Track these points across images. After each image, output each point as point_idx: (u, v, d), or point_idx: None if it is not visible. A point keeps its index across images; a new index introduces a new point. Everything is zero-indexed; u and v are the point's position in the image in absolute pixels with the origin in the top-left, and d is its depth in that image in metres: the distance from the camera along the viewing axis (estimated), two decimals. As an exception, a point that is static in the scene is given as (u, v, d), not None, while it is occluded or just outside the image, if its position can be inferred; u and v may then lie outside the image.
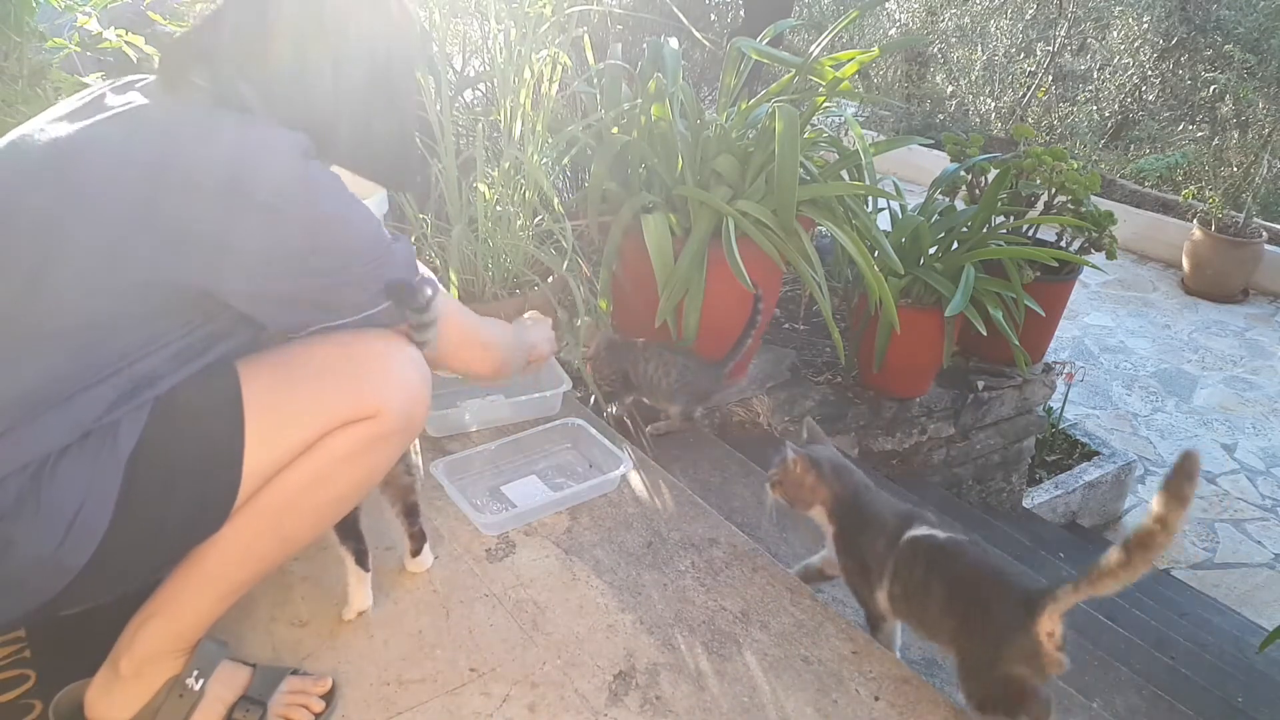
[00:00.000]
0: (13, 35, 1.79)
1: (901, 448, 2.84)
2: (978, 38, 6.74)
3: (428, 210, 2.22)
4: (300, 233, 1.01)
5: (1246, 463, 3.79)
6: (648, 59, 2.31)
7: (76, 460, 0.97)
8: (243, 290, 1.03)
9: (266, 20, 1.07)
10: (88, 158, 0.98)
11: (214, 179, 0.97)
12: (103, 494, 0.98)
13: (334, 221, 1.04)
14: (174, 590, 1.09)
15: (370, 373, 1.10)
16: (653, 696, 1.29)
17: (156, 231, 0.97)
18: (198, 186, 0.97)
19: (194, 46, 1.08)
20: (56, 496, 0.96)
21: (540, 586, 1.48)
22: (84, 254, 0.96)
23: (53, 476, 0.96)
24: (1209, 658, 2.29)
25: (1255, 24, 5.67)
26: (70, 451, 0.97)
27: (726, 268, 2.01)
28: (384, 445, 1.14)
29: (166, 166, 0.97)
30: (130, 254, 0.97)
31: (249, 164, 0.99)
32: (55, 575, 0.98)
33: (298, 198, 1.01)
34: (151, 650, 1.10)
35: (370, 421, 1.10)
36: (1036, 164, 2.78)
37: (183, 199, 0.97)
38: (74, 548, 0.97)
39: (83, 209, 0.96)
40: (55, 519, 0.96)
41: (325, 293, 1.07)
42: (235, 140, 1.00)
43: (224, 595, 1.12)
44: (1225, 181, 5.45)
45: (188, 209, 0.97)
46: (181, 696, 1.11)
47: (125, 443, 0.99)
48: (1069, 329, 4.67)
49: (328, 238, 1.04)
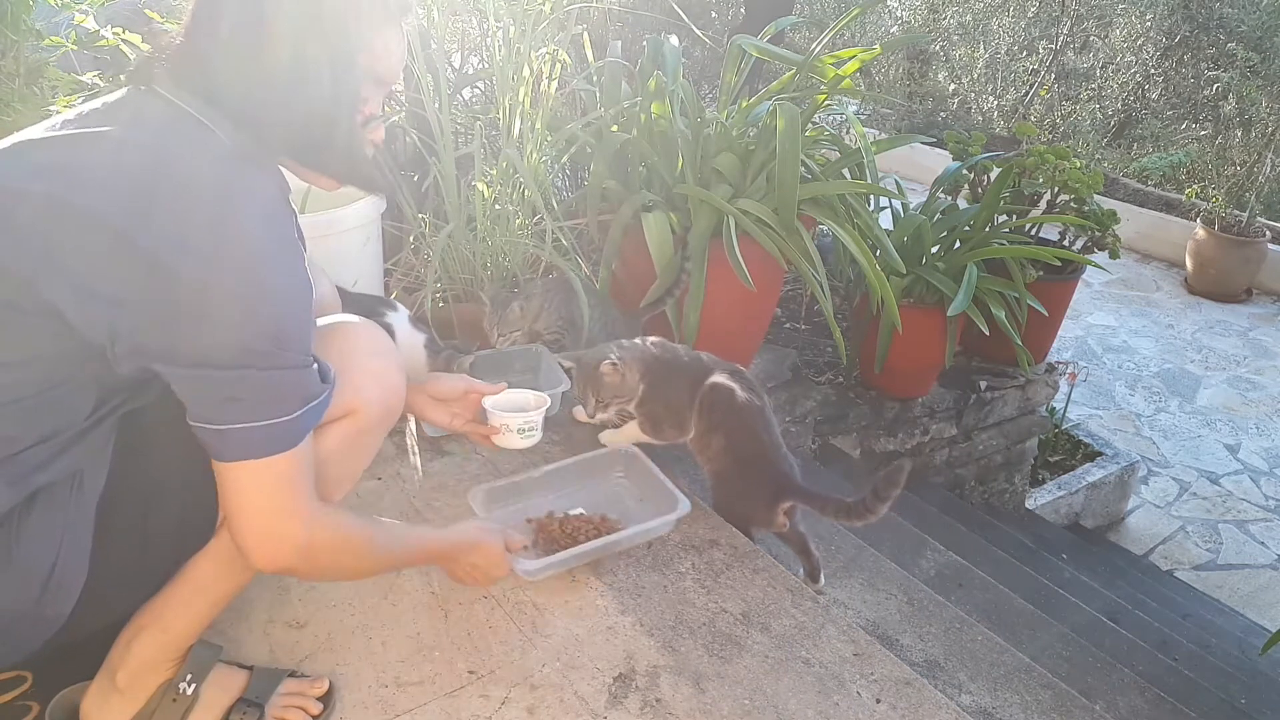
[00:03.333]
0: (9, 34, 1.79)
1: (904, 448, 2.82)
2: (980, 35, 6.72)
3: (426, 209, 2.21)
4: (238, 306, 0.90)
5: (1250, 463, 3.77)
6: (648, 56, 2.30)
7: (44, 513, 0.95)
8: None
9: (222, 25, 0.96)
10: (80, 177, 0.90)
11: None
12: (76, 544, 0.96)
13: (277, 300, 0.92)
14: (164, 601, 1.08)
15: (342, 371, 1.06)
16: (653, 699, 1.28)
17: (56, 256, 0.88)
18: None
19: (162, 57, 1.00)
20: (28, 553, 0.94)
21: (539, 588, 1.47)
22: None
23: (19, 534, 0.93)
24: (1212, 659, 2.28)
25: (1258, 22, 5.65)
26: (36, 505, 0.95)
27: (727, 266, 2.00)
28: (364, 439, 1.13)
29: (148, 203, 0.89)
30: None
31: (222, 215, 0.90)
32: (41, 626, 0.97)
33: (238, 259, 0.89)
34: (144, 661, 1.09)
35: (348, 420, 1.09)
36: (1039, 162, 2.77)
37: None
38: (54, 600, 0.96)
39: (54, 264, 0.88)
40: (30, 575, 0.94)
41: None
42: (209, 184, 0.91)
43: (214, 603, 1.10)
44: (1229, 180, 5.43)
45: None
46: (175, 701, 1.10)
47: (91, 488, 0.97)
48: (1072, 329, 4.65)
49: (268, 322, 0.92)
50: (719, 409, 1.64)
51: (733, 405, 1.63)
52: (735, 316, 2.25)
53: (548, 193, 2.16)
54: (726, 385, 1.64)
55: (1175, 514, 3.53)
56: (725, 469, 1.66)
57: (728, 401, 1.63)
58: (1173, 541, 3.41)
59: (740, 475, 1.65)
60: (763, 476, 1.62)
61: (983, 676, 1.57)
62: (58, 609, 0.96)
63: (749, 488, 1.64)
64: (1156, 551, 3.37)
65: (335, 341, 1.10)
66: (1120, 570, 3.06)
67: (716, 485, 1.70)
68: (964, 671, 1.57)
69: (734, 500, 1.67)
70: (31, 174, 0.90)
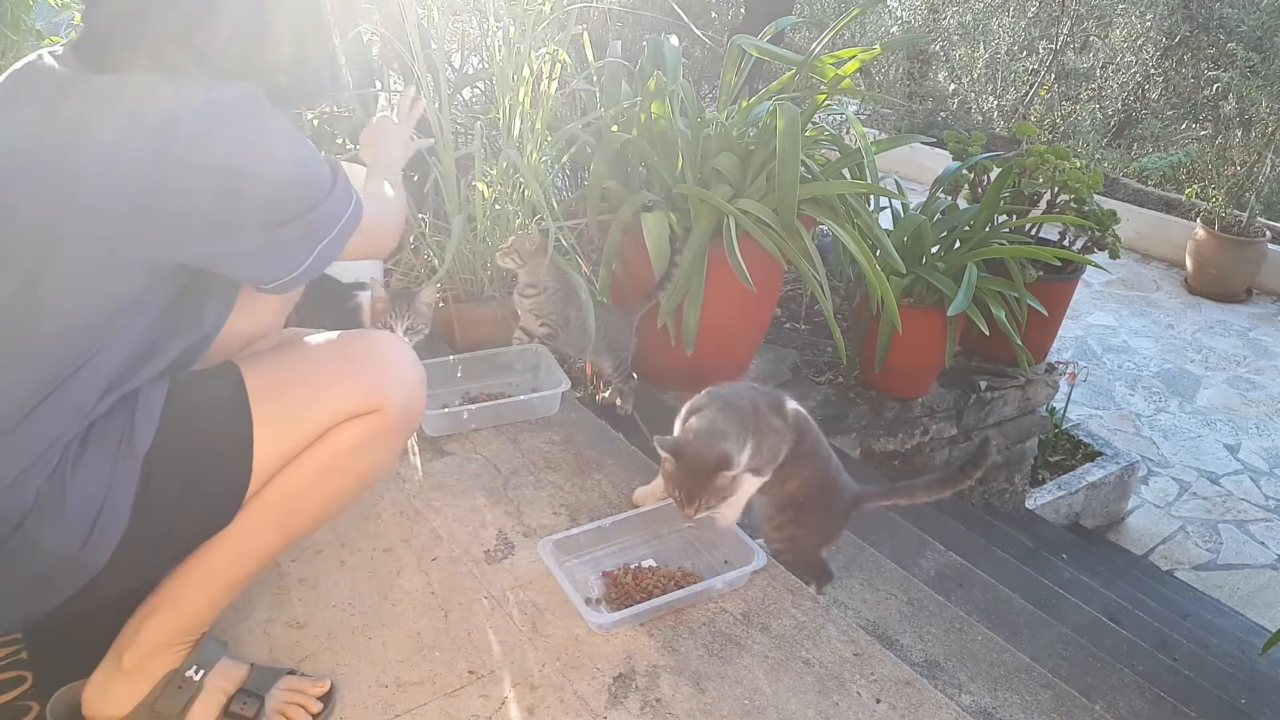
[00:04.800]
0: (9, 34, 1.79)
1: (904, 448, 2.82)
2: (980, 35, 6.72)
3: (426, 209, 2.21)
4: (261, 189, 1.01)
5: (1250, 463, 3.77)
6: (648, 56, 2.30)
7: (96, 458, 0.98)
8: (213, 252, 1.02)
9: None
10: (79, 159, 0.95)
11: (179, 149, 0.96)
12: (122, 493, 1.00)
13: (291, 167, 1.03)
14: (178, 585, 1.11)
15: (371, 368, 1.14)
16: (653, 699, 1.28)
17: (151, 221, 0.96)
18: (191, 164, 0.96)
19: (113, 17, 1.03)
20: (79, 496, 0.97)
21: (539, 588, 1.47)
22: (81, 255, 0.95)
23: (74, 476, 0.97)
24: (1212, 659, 2.28)
25: (1258, 22, 5.65)
26: (89, 449, 0.98)
27: (727, 267, 2.00)
28: (386, 438, 1.16)
29: (164, 159, 0.96)
30: (124, 246, 0.96)
31: (203, 130, 0.97)
32: (79, 573, 1.00)
33: (249, 156, 0.99)
34: (155, 644, 1.11)
35: (373, 416, 1.12)
36: (1039, 162, 2.77)
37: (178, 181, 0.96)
38: (96, 547, 0.99)
39: (78, 211, 0.95)
40: (79, 519, 0.97)
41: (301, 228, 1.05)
42: (183, 105, 0.98)
43: (227, 589, 1.13)
44: (1229, 180, 5.43)
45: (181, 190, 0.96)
46: (180, 688, 1.12)
47: (142, 440, 1.01)
48: (1072, 329, 4.65)
49: (289, 189, 1.03)
50: (808, 437, 1.52)
51: (812, 428, 1.53)
52: (735, 317, 2.25)
53: (548, 193, 2.16)
54: (804, 413, 1.54)
55: (1175, 514, 3.53)
56: (798, 493, 1.53)
57: (809, 425, 1.53)
58: (1173, 541, 3.41)
59: (821, 496, 1.54)
60: (841, 490, 1.55)
61: (983, 676, 1.57)
62: (97, 557, 0.99)
63: (831, 503, 1.54)
64: (1156, 551, 3.37)
65: (369, 347, 1.18)
66: (1120, 570, 3.06)
67: (785, 515, 1.55)
68: (964, 671, 1.57)
69: (811, 526, 1.56)
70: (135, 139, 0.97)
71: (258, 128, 1.00)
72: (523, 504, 1.68)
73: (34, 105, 0.99)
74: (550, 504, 1.69)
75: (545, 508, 1.68)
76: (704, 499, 1.39)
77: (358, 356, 1.15)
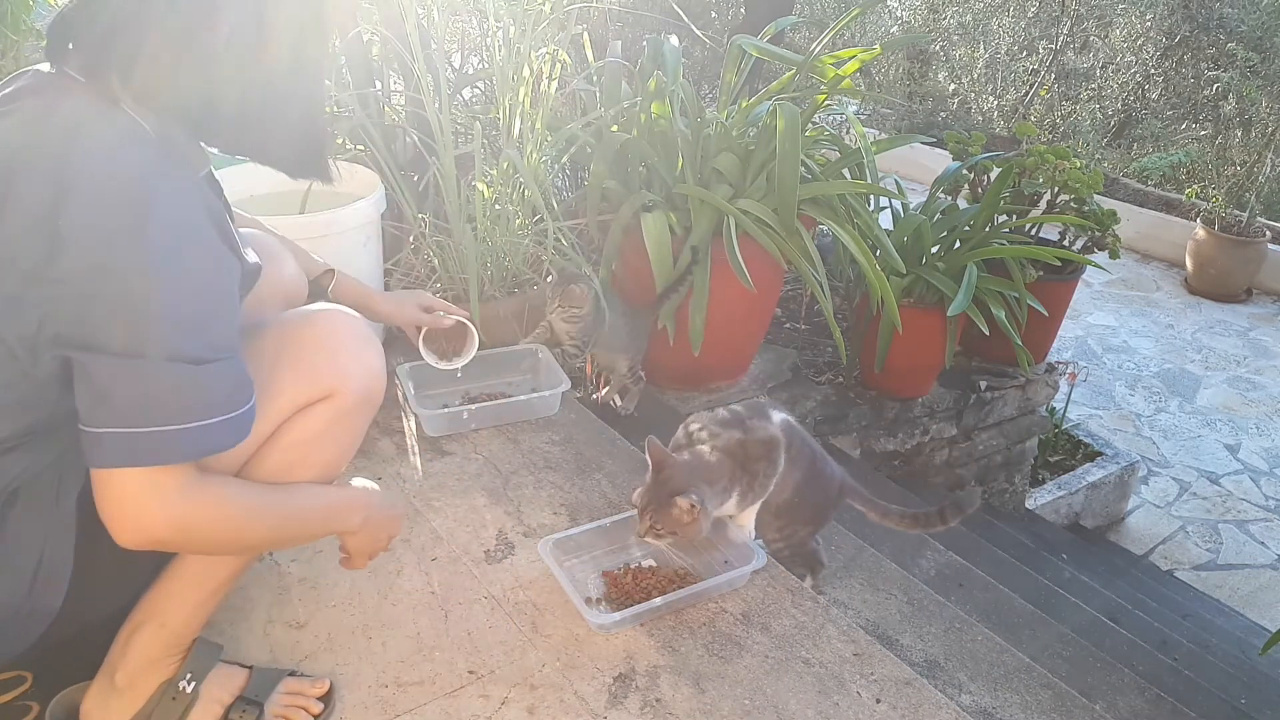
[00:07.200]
0: (9, 33, 1.79)
1: (904, 448, 2.82)
2: (980, 35, 6.71)
3: (425, 209, 2.21)
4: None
5: (1250, 463, 3.77)
6: (648, 56, 2.30)
7: (26, 510, 0.95)
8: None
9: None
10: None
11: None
12: (60, 538, 0.96)
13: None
14: (159, 595, 1.08)
15: (320, 353, 1.08)
16: (653, 699, 1.28)
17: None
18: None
19: (68, 31, 0.92)
20: (11, 550, 0.94)
21: (540, 588, 1.47)
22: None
23: (3, 530, 0.94)
24: (1212, 660, 2.28)
25: (1258, 22, 5.65)
26: (17, 503, 0.95)
27: (727, 267, 2.00)
28: (347, 421, 1.12)
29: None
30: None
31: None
32: (33, 620, 0.97)
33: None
34: (145, 658, 1.08)
35: (328, 401, 1.08)
36: (1039, 162, 2.77)
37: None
38: (44, 593, 0.96)
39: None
40: (17, 571, 0.94)
41: None
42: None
43: (211, 594, 1.10)
44: (1229, 180, 5.42)
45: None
46: (174, 699, 1.10)
47: (71, 483, 0.96)
48: (1072, 329, 4.65)
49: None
50: (794, 444, 1.55)
51: (798, 433, 1.55)
52: (735, 316, 2.25)
53: (548, 193, 2.16)
54: (789, 421, 1.56)
55: (1175, 514, 3.53)
56: (792, 497, 1.57)
57: (794, 431, 1.55)
58: (1173, 541, 3.41)
59: (810, 489, 1.57)
60: (828, 479, 1.58)
61: (983, 676, 1.57)
62: (48, 602, 0.96)
63: (819, 489, 1.59)
64: (1156, 551, 3.37)
65: (316, 325, 1.10)
66: (1120, 570, 3.06)
67: (783, 519, 1.60)
68: (964, 671, 1.57)
69: (804, 519, 1.60)
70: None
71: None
72: (523, 504, 1.69)
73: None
74: (550, 504, 1.69)
75: (545, 508, 1.68)
76: (657, 520, 1.39)
77: (303, 342, 1.08)
